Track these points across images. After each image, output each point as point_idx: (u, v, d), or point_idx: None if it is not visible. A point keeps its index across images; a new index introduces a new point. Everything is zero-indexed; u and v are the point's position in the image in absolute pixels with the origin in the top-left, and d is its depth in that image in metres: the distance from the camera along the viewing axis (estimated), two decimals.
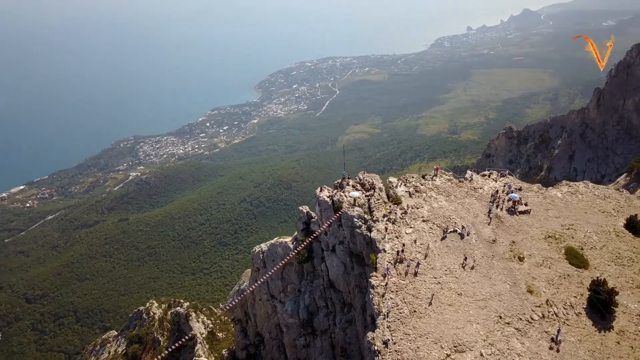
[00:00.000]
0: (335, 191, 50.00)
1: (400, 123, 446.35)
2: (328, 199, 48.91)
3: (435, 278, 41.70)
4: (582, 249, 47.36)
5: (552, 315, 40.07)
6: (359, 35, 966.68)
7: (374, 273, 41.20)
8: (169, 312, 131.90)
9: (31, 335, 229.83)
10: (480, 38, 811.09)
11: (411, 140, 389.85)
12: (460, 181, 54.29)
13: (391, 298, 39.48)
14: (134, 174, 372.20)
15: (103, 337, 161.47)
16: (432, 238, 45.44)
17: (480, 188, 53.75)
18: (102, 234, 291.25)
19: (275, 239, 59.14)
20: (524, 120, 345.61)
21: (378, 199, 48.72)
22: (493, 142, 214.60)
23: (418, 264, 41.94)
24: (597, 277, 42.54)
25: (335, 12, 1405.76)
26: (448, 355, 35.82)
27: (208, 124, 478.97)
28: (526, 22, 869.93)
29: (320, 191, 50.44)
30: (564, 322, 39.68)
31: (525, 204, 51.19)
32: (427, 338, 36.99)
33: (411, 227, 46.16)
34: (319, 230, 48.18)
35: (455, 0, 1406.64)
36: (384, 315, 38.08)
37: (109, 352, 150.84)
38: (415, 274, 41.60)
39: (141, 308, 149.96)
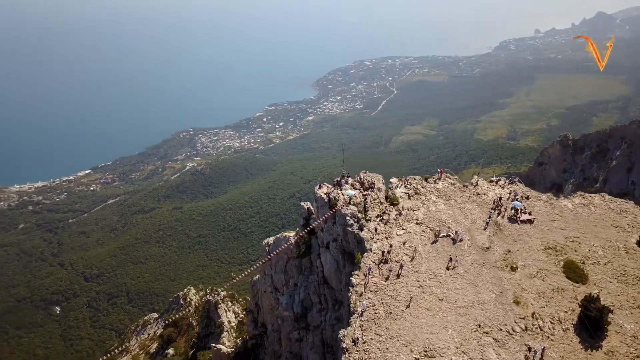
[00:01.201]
0: (333, 189, 50.52)
1: (457, 126, 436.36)
2: (325, 196, 49.49)
3: (418, 281, 41.41)
4: (583, 263, 45.41)
5: (536, 328, 38.81)
6: (422, 35, 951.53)
7: (356, 272, 41.49)
8: (203, 299, 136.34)
9: (86, 312, 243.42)
10: (548, 41, 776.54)
11: (467, 144, 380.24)
12: (464, 186, 53.30)
13: (369, 297, 39.64)
14: (191, 164, 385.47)
15: (145, 318, 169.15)
16: (423, 241, 45.03)
17: (484, 194, 52.49)
18: (157, 220, 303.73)
19: (281, 233, 60.40)
20: (589, 130, 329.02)
21: (375, 199, 48.77)
22: (547, 149, 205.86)
23: (401, 265, 41.80)
24: (590, 293, 40.76)
25: (400, 11, 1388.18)
26: (417, 359, 35.64)
27: (265, 120, 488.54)
28: (600, 26, 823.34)
29: (319, 188, 51.13)
30: (548, 337, 38.35)
31: (529, 213, 49.56)
32: (398, 340, 36.92)
33: (403, 229, 45.94)
34: (312, 226, 48.91)
35: (524, 1, 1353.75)
36: (359, 314, 38.34)
37: (149, 334, 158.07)
38: (398, 276, 41.49)
39: (180, 293, 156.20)
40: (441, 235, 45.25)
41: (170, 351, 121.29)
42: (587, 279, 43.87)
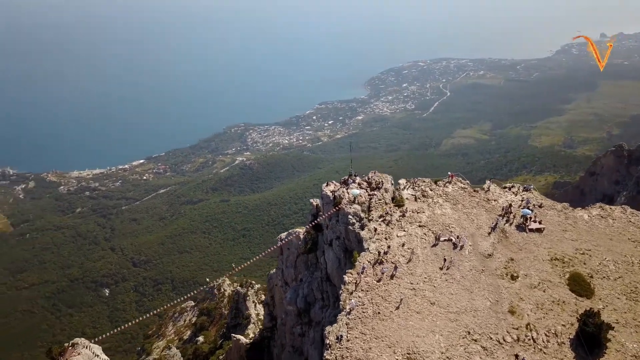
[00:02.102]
0: (340, 187, 50.85)
1: (510, 131, 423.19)
2: (330, 194, 49.92)
3: (411, 284, 41.17)
4: (591, 276, 43.65)
5: (529, 340, 37.74)
6: (479, 36, 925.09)
7: (350, 270, 41.75)
8: (233, 291, 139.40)
9: (133, 296, 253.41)
10: (614, 46, 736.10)
11: (520, 150, 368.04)
12: (475, 191, 52.26)
13: (359, 296, 39.81)
14: (240, 158, 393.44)
15: (182, 305, 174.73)
16: (423, 244, 44.67)
17: (495, 200, 51.28)
18: (204, 211, 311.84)
19: (293, 228, 61.29)
20: None
21: (380, 199, 48.73)
22: (599, 159, 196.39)
23: (396, 267, 41.68)
24: (591, 308, 39.21)
25: (457, 11, 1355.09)
26: None
27: (315, 117, 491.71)
28: None
29: (326, 185, 51.61)
30: (541, 350, 37.27)
31: (539, 222, 48.03)
32: (382, 341, 36.91)
33: (404, 231, 45.71)
34: (316, 222, 49.42)
35: (590, 2, 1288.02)
36: (347, 311, 38.60)
37: (184, 320, 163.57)
38: (392, 277, 41.40)
39: (214, 284, 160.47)
40: (442, 239, 44.73)
41: (200, 339, 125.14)
42: (592, 294, 42.19)
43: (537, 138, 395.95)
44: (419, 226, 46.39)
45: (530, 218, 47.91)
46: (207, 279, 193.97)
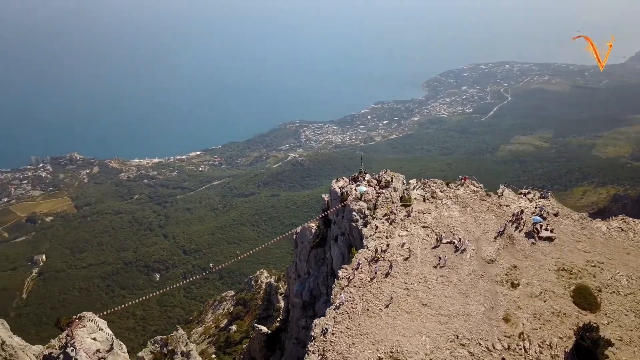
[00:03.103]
0: (348, 183, 51.03)
1: (573, 140, 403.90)
2: (338, 190, 50.23)
3: (405, 283, 40.89)
4: (599, 290, 41.71)
5: (520, 349, 36.64)
6: (546, 40, 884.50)
7: (345, 265, 42.01)
8: (265, 283, 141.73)
9: (181, 283, 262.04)
10: None
11: (582, 161, 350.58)
12: (487, 195, 50.95)
13: (350, 292, 40.00)
14: (293, 155, 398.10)
15: (222, 294, 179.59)
16: (423, 245, 44.19)
17: (507, 205, 49.79)
18: (254, 205, 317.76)
19: (307, 223, 62.02)
20: None
21: (387, 198, 48.54)
22: None
23: (391, 265, 41.53)
24: (590, 322, 37.56)
25: (523, 13, 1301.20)
26: (380, 359, 35.50)
27: (369, 117, 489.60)
28: None
29: (336, 181, 51.96)
30: None
31: (551, 231, 46.28)
32: (367, 337, 36.97)
33: (407, 231, 45.37)
34: (322, 215, 49.87)
35: None
36: (336, 306, 38.93)
37: (223, 309, 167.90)
38: (386, 275, 41.29)
39: (252, 276, 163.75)
40: (444, 241, 44.08)
41: (234, 327, 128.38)
42: (598, 308, 40.35)
43: (602, 148, 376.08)
44: (423, 227, 45.92)
45: (542, 226, 46.28)
46: (237, 252, 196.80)
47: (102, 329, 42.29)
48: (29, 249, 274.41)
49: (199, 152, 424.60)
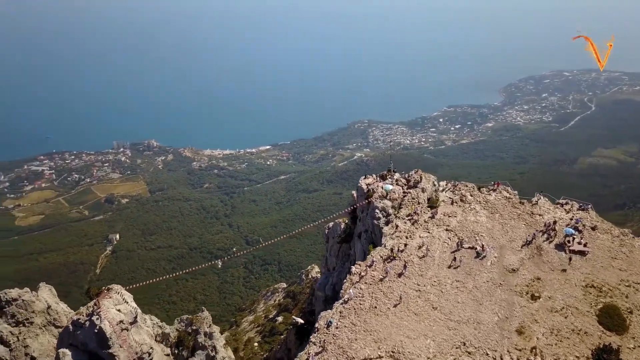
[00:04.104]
0: (376, 181, 50.59)
1: None
2: (365, 187, 49.92)
3: (418, 285, 40.09)
4: (630, 312, 38.76)
5: None
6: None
7: (359, 262, 41.86)
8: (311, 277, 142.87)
9: (242, 272, 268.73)
10: None
11: None
12: (521, 202, 48.62)
13: (360, 288, 39.82)
14: (359, 154, 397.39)
15: (275, 286, 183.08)
16: (443, 248, 43.05)
17: (540, 215, 47.22)
18: (317, 201, 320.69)
19: (338, 219, 62.14)
20: None
21: (413, 198, 47.66)
22: None
23: (405, 266, 40.88)
24: (610, 343, 35.10)
25: (620, 14, 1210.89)
26: (380, 357, 35.11)
27: (441, 120, 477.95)
28: None
29: (364, 178, 51.66)
30: None
31: (585, 245, 43.48)
32: (370, 334, 36.70)
33: (428, 232, 44.39)
34: (348, 209, 49.80)
35: None
36: (344, 300, 38.94)
37: (274, 300, 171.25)
38: (399, 275, 40.69)
39: (303, 270, 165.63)
40: (465, 245, 42.72)
41: (279, 319, 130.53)
42: (625, 330, 37.56)
43: None
44: (446, 230, 44.76)
45: (574, 238, 43.64)
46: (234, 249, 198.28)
47: (127, 302, 44.79)
48: (105, 228, 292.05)
49: (268, 147, 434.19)
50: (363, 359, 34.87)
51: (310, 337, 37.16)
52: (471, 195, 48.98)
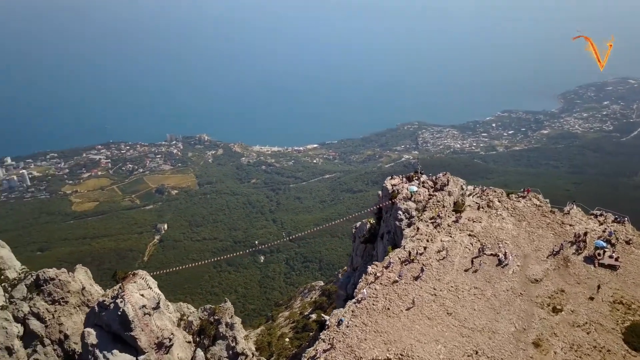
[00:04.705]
0: (401, 182, 49.86)
1: None
2: (390, 187, 49.30)
3: (434, 289, 39.27)
4: None
5: None
6: None
7: (376, 262, 41.46)
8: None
9: (283, 267, 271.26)
10: None
11: None
12: (551, 211, 46.61)
13: (375, 289, 39.42)
14: (407, 156, 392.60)
15: (312, 283, 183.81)
16: (464, 253, 41.91)
17: (571, 225, 45.09)
18: (360, 202, 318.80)
19: (366, 219, 61.73)
20: None
21: (439, 201, 46.66)
22: None
23: (422, 269, 40.15)
24: None
25: None
26: (388, 359, 34.72)
27: (494, 125, 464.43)
28: None
29: (391, 179, 51.03)
30: None
31: (616, 259, 41.24)
32: (380, 336, 36.31)
33: (450, 237, 43.35)
34: (371, 208, 49.37)
35: None
36: (357, 300, 38.71)
37: (310, 298, 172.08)
38: (416, 278, 40.01)
39: (340, 269, 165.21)
40: (487, 252, 41.45)
41: (313, 316, 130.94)
42: None
43: None
44: (469, 235, 43.59)
45: (605, 251, 41.53)
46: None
47: (151, 288, 46.25)
48: (154, 217, 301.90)
49: (315, 145, 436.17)
50: (371, 359, 34.60)
51: (320, 334, 37.17)
52: (499, 201, 47.53)
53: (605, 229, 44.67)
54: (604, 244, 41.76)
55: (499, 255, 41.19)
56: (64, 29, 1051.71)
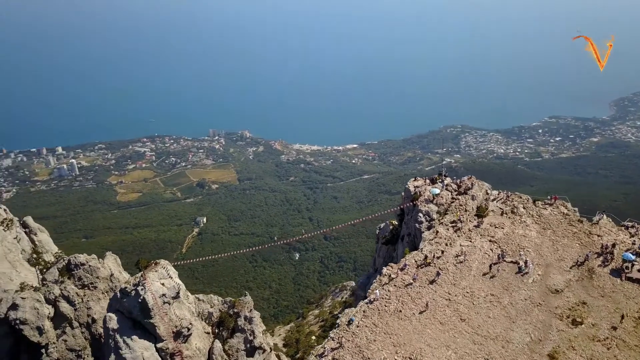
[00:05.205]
0: (424, 184, 49.05)
1: None
2: (412, 189, 48.60)
3: (448, 294, 38.47)
4: None
5: None
6: None
7: (392, 264, 41.00)
8: None
9: (317, 266, 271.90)
10: None
11: None
12: (579, 221, 44.74)
13: (388, 290, 38.99)
14: (448, 159, 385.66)
15: (344, 283, 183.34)
16: (483, 259, 40.85)
17: (599, 235, 43.13)
18: (397, 203, 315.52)
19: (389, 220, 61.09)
20: None
21: (461, 205, 45.69)
22: None
23: (438, 273, 39.42)
24: None
25: None
26: None
27: (540, 131, 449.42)
28: None
29: (414, 180, 50.36)
30: None
31: None
32: (390, 337, 35.91)
33: (470, 241, 42.35)
34: (396, 208, 48.74)
35: None
36: (369, 300, 38.42)
37: (341, 297, 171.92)
38: (431, 282, 39.33)
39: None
40: (507, 259, 40.26)
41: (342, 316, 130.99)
42: None
43: None
44: (490, 241, 42.47)
45: (634, 265, 39.59)
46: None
47: (171, 277, 47.35)
48: (194, 210, 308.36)
49: (355, 145, 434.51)
50: None
51: (330, 332, 37.10)
52: (524, 208, 46.10)
53: (635, 241, 42.58)
54: (633, 257, 39.83)
55: (519, 263, 39.98)
56: (117, 27, 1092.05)
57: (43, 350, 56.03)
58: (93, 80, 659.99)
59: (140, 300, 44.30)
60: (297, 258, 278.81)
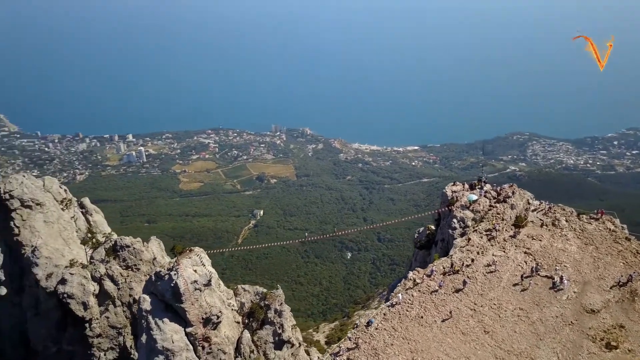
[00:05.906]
0: (462, 189, 47.41)
1: None
2: (450, 194, 47.15)
3: (474, 304, 37.01)
4: None
5: None
6: None
7: (418, 268, 40.02)
8: None
9: (369, 267, 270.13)
10: None
11: None
12: (627, 238, 41.63)
13: (412, 295, 38.08)
14: (513, 167, 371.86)
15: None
16: (515, 271, 38.98)
17: None
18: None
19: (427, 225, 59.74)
20: None
21: (498, 213, 43.81)
22: None
23: (465, 282, 38.05)
24: None
25: None
26: None
27: (615, 143, 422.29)
28: None
29: (452, 185, 48.84)
30: None
31: None
32: (408, 343, 35.07)
33: (503, 251, 40.53)
34: (435, 211, 47.45)
35: None
36: (390, 304, 37.71)
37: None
38: (457, 291, 38.02)
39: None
40: (541, 273, 38.22)
41: None
42: None
43: None
44: (524, 252, 40.46)
45: None
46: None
47: (204, 265, 48.60)
48: (252, 203, 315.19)
49: (415, 147, 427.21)
50: None
51: (348, 332, 36.78)
52: (566, 221, 43.54)
53: None
54: None
55: (554, 278, 37.86)
56: (191, 22, 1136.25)
57: (87, 325, 59.28)
58: (164, 74, 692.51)
59: (172, 285, 45.77)
60: (349, 257, 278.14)
